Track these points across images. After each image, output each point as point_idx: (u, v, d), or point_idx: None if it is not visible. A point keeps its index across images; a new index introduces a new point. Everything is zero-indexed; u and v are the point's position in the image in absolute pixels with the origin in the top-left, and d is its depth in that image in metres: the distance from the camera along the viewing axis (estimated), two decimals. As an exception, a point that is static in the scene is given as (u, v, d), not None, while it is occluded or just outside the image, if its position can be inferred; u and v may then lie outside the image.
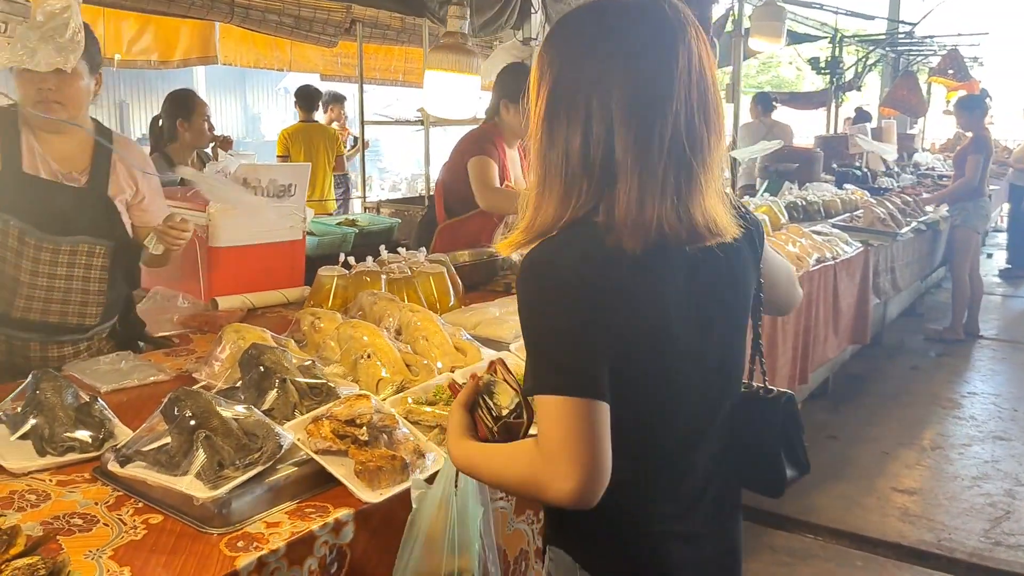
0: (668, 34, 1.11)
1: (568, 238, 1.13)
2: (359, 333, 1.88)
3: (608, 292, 1.10)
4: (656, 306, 1.15)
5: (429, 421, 1.70)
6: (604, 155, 1.11)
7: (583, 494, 1.05)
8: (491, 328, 2.38)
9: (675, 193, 1.11)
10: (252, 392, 1.66)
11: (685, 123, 1.10)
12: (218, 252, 2.56)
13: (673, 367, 1.18)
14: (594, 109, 1.11)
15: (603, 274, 1.10)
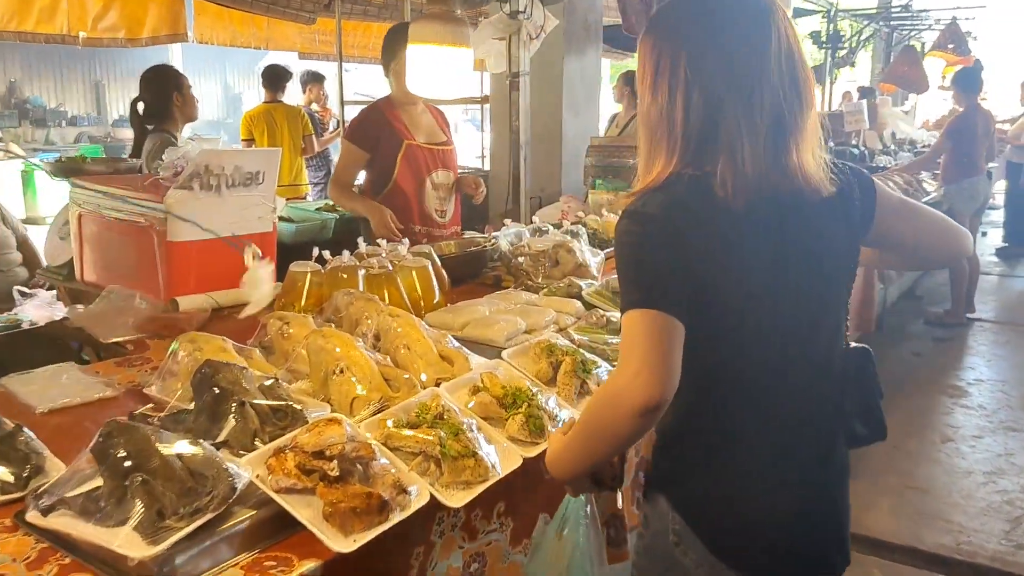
0: (762, 15, 1.28)
1: (664, 189, 1.28)
2: (330, 344, 1.65)
3: (694, 233, 1.24)
4: (740, 251, 1.27)
5: (411, 447, 1.47)
6: (708, 119, 1.26)
7: (650, 395, 1.15)
8: (481, 329, 2.15)
9: (773, 153, 1.26)
10: (205, 418, 1.43)
11: (781, 92, 1.26)
12: (177, 247, 2.31)
13: (749, 307, 1.29)
14: (701, 79, 1.26)
15: (692, 219, 1.24)
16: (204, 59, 17.75)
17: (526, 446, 1.62)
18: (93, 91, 17.55)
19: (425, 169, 3.41)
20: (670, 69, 1.28)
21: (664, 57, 1.30)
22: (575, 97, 5.18)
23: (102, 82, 17.63)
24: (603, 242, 3.34)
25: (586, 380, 1.87)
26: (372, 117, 3.41)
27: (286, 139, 6.31)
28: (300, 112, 6.58)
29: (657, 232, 1.24)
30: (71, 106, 17.04)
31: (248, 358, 1.79)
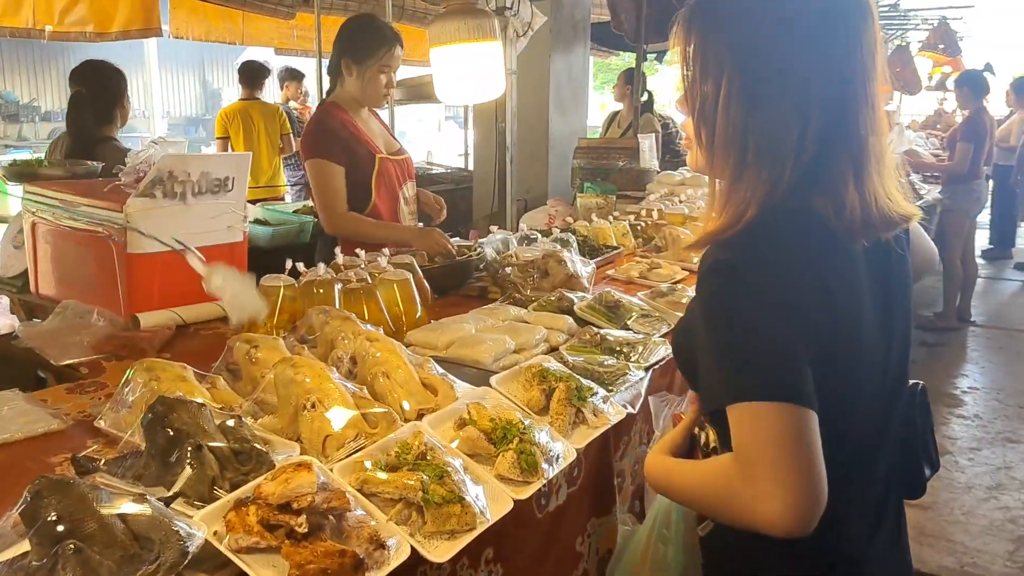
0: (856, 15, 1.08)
1: (768, 230, 1.06)
2: (300, 375, 1.48)
3: (811, 285, 1.04)
4: (852, 300, 1.09)
5: (390, 493, 1.32)
6: (801, 139, 1.06)
7: (797, 519, 0.92)
8: (467, 349, 2.00)
9: (869, 179, 1.08)
10: (157, 465, 1.27)
11: (871, 107, 1.07)
12: (139, 260, 2.14)
13: (860, 366, 1.11)
14: (791, 90, 1.05)
15: (806, 267, 1.05)
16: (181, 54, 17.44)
17: (517, 486, 1.47)
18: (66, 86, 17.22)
19: (397, 183, 3.09)
20: (782, 69, 1.06)
21: (774, 54, 1.07)
22: (562, 96, 5.03)
23: (76, 77, 17.31)
24: (593, 249, 3.20)
25: (581, 408, 1.72)
26: (333, 126, 2.89)
27: (262, 138, 6.13)
28: (277, 110, 6.40)
29: (775, 294, 1.02)
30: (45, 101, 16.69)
31: (212, 386, 1.63)
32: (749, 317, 1.02)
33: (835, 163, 1.07)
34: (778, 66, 1.07)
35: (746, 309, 1.02)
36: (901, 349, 1.20)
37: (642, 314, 2.38)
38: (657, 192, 4.17)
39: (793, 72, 1.06)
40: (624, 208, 4.00)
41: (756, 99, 1.07)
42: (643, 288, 2.74)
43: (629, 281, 2.89)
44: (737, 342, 1.02)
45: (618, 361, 2.01)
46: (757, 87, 1.07)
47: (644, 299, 2.51)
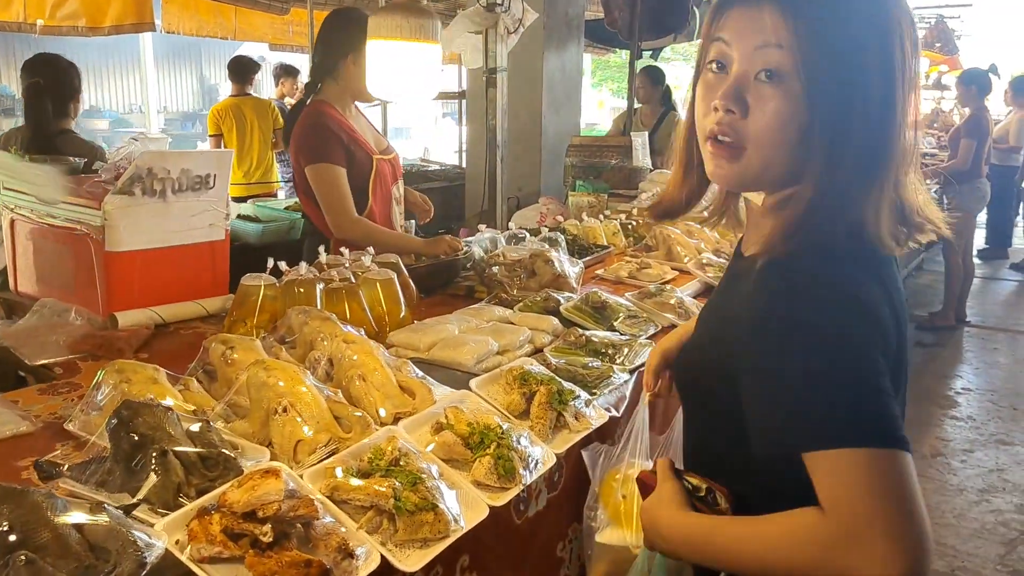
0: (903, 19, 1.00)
1: (829, 243, 0.97)
2: (273, 378, 1.45)
3: (888, 305, 0.97)
4: (905, 318, 1.03)
5: (361, 500, 1.29)
6: (876, 141, 0.97)
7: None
8: (448, 351, 1.97)
9: (913, 185, 1.02)
10: (122, 471, 1.24)
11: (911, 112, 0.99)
12: (117, 258, 2.11)
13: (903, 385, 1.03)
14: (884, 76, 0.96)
15: (884, 286, 0.98)
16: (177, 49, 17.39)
17: (494, 492, 1.44)
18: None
19: (391, 183, 3.03)
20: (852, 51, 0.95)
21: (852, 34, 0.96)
22: (555, 94, 5.00)
23: (73, 72, 17.23)
24: (583, 249, 3.17)
25: (562, 412, 1.69)
26: (332, 127, 2.79)
27: (255, 134, 6.10)
28: (270, 105, 6.36)
29: (868, 319, 0.92)
30: (41, 96, 16.63)
31: (185, 388, 1.60)
32: (845, 348, 0.90)
33: (900, 160, 0.99)
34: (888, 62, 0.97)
35: (841, 338, 0.90)
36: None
37: (629, 315, 2.35)
38: (649, 191, 4.14)
39: (894, 72, 0.97)
40: (616, 207, 3.97)
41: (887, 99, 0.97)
42: (632, 288, 2.71)
43: (618, 281, 2.86)
44: (831, 378, 0.89)
45: (603, 363, 1.98)
46: (884, 85, 0.97)
47: (632, 300, 2.48)
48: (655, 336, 2.26)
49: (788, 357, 0.92)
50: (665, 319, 2.36)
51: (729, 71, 1.02)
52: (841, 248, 0.97)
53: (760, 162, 1.01)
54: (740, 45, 1.01)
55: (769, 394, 0.94)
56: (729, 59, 1.02)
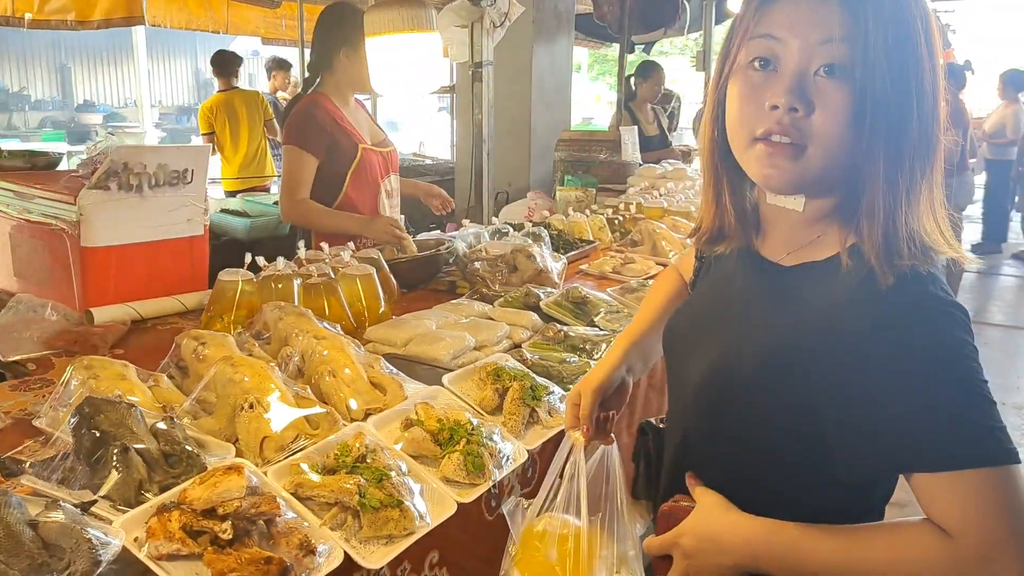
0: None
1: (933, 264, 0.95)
2: (239, 374, 1.45)
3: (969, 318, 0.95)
4: None
5: (325, 497, 1.28)
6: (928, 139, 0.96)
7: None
8: (424, 346, 1.96)
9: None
10: (84, 468, 1.23)
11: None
12: (93, 253, 2.10)
13: None
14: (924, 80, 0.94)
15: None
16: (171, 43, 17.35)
17: (463, 488, 1.44)
18: (58, 74, 17.11)
19: (380, 175, 3.06)
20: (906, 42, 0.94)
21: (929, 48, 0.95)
22: (545, 88, 4.99)
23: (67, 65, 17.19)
24: (568, 244, 3.16)
25: (536, 408, 1.69)
26: (319, 116, 2.85)
27: (245, 126, 6.07)
28: (259, 97, 6.32)
29: (965, 332, 0.91)
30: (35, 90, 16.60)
31: (155, 384, 1.59)
32: (959, 366, 0.88)
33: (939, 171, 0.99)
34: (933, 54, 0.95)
35: (955, 357, 0.89)
36: None
37: (610, 310, 2.34)
38: (637, 185, 4.13)
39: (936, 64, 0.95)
40: (604, 201, 3.97)
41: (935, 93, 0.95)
42: (615, 283, 2.70)
43: (602, 276, 2.86)
44: (950, 399, 0.87)
45: (579, 359, 1.98)
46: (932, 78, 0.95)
47: (613, 295, 2.48)
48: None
49: (902, 379, 0.89)
50: (646, 314, 2.35)
51: (780, 68, 0.97)
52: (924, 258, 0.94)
53: (822, 161, 0.97)
54: (798, 40, 0.96)
55: (877, 417, 0.90)
56: (779, 55, 0.98)
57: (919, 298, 0.92)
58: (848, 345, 0.92)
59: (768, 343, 1.02)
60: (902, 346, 0.89)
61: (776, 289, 1.07)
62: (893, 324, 0.91)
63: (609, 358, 1.36)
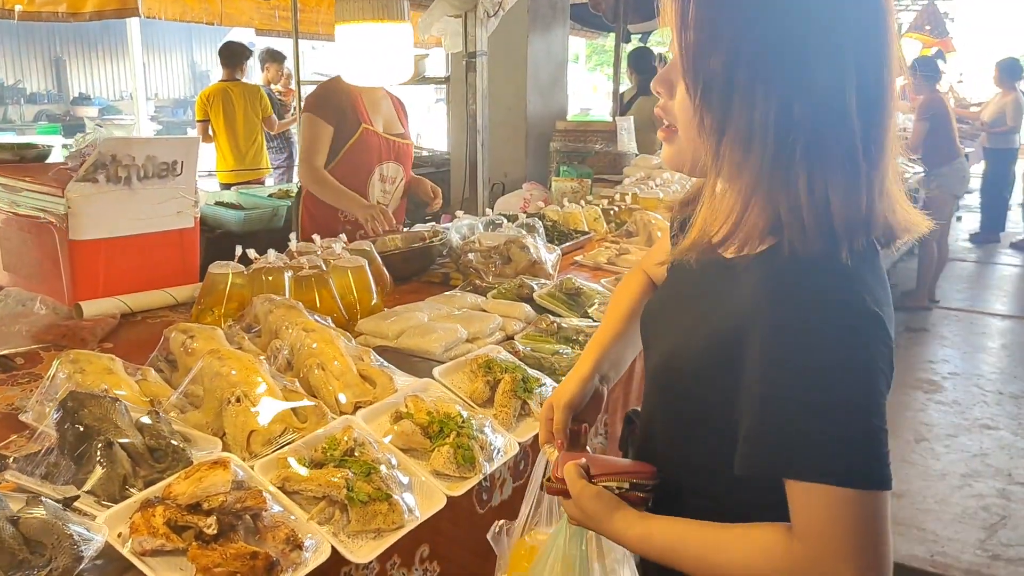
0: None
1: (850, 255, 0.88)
2: (226, 368, 1.43)
3: (887, 329, 0.87)
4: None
5: (313, 490, 1.27)
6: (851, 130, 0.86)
7: None
8: (416, 338, 1.95)
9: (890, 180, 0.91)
10: (68, 463, 1.21)
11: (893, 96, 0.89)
12: (82, 246, 2.08)
13: None
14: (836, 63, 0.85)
15: (880, 301, 0.88)
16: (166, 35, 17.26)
17: (453, 481, 1.43)
18: (53, 67, 17.01)
19: (376, 158, 3.20)
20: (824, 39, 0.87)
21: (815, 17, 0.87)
22: (540, 78, 4.96)
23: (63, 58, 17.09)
24: (562, 235, 3.14)
25: (527, 400, 1.68)
26: (336, 90, 3.09)
27: (241, 119, 6.04)
28: (258, 91, 6.30)
29: (871, 342, 0.85)
30: (30, 83, 16.51)
31: (143, 378, 1.57)
32: (851, 381, 0.84)
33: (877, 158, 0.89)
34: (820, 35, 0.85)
35: (848, 371, 0.84)
36: None
37: (604, 302, 2.32)
38: (633, 176, 4.11)
39: (834, 42, 0.85)
40: (600, 192, 3.95)
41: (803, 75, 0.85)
42: (609, 274, 2.69)
43: (596, 267, 2.84)
44: (831, 412, 0.84)
45: (572, 351, 1.96)
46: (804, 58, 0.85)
47: (607, 286, 2.46)
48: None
49: (790, 380, 0.86)
50: (640, 305, 2.34)
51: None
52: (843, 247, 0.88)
53: (688, 143, 0.96)
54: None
55: (763, 414, 0.88)
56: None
57: (821, 303, 0.86)
58: (757, 340, 0.89)
59: (708, 333, 0.99)
60: (795, 352, 0.86)
61: (721, 278, 1.02)
62: (791, 328, 0.86)
63: (580, 370, 1.31)
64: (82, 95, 16.73)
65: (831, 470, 0.83)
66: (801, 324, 0.86)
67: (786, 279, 0.89)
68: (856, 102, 0.86)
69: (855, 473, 0.83)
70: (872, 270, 0.91)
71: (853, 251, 0.87)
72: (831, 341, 0.84)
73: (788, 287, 0.89)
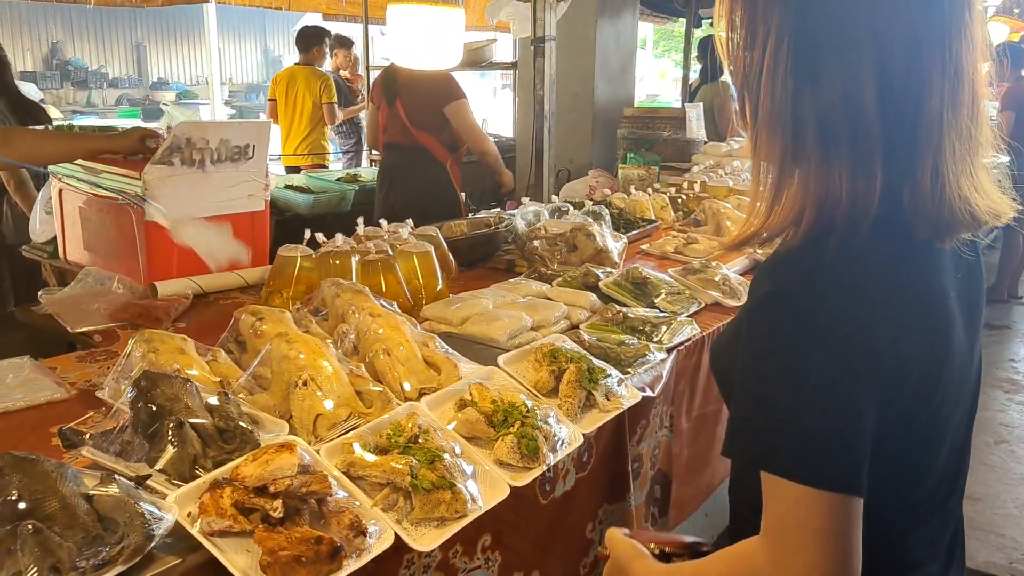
0: None
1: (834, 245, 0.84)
2: (294, 351, 1.44)
3: (893, 323, 0.83)
4: (934, 326, 0.89)
5: (377, 476, 1.27)
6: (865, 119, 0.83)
7: None
8: (481, 325, 1.94)
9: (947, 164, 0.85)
10: (141, 441, 1.24)
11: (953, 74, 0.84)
12: (158, 228, 2.13)
13: (949, 399, 0.92)
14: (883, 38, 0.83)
15: (889, 298, 0.85)
16: (240, 20, 17.62)
17: (516, 471, 1.41)
18: (134, 53, 17.55)
19: None
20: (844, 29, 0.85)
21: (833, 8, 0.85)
22: (609, 63, 4.89)
23: (143, 44, 17.61)
24: (629, 223, 3.10)
25: (593, 391, 1.65)
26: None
27: (300, 103, 6.06)
28: (322, 77, 6.28)
29: (848, 343, 0.82)
30: (112, 68, 17.06)
31: (213, 359, 1.60)
32: (811, 376, 0.82)
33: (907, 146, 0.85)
34: (839, 24, 0.85)
35: (810, 364, 0.82)
36: (979, 364, 1.03)
37: (671, 292, 2.28)
38: (702, 163, 4.03)
39: (858, 31, 0.84)
40: (667, 180, 3.88)
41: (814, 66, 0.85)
42: (677, 264, 2.63)
43: (663, 256, 2.79)
44: (797, 401, 0.82)
45: (639, 341, 1.93)
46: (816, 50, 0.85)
47: (675, 276, 2.41)
48: (696, 314, 2.19)
49: (762, 368, 0.86)
50: (709, 296, 2.29)
51: None
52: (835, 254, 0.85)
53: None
54: None
55: (740, 395, 0.90)
56: None
57: (772, 293, 0.86)
58: (746, 320, 0.91)
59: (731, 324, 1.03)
60: (753, 337, 0.87)
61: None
62: (753, 312, 0.88)
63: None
64: (161, 80, 17.23)
65: (796, 468, 0.82)
66: (770, 308, 0.86)
67: (767, 266, 0.91)
68: (877, 92, 0.83)
69: (822, 475, 0.81)
70: (884, 266, 0.87)
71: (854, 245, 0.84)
72: (795, 331, 0.83)
73: (769, 270, 0.90)
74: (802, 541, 0.81)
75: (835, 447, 0.82)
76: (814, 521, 0.81)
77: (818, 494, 0.81)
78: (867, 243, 0.85)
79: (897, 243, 0.88)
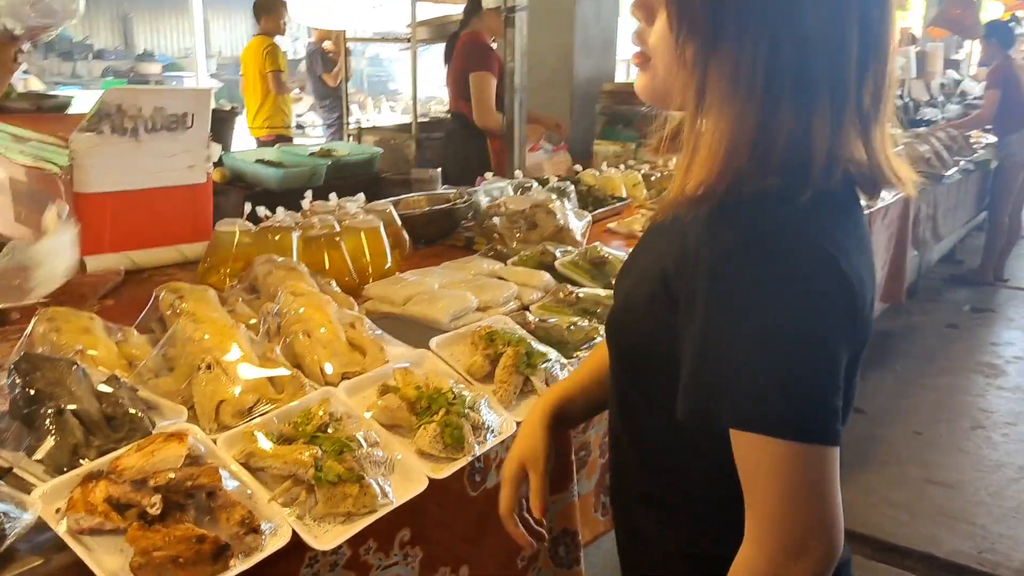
0: None
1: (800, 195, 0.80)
2: (199, 332, 1.34)
3: (851, 273, 0.80)
4: (872, 272, 0.89)
5: (278, 468, 1.17)
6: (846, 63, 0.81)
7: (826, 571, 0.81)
8: (423, 306, 1.84)
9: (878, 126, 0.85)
10: (19, 429, 1.14)
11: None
12: (87, 199, 2.02)
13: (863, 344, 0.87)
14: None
15: (850, 246, 0.82)
16: (228, -8, 17.36)
17: (439, 462, 1.32)
18: (120, 24, 17.29)
19: None
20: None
21: None
22: (589, 36, 4.75)
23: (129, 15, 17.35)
24: (598, 200, 2.99)
25: (531, 376, 1.55)
26: (491, 46, 3.84)
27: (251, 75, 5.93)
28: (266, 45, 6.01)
29: (820, 282, 0.78)
30: (98, 39, 16.81)
31: (123, 340, 1.50)
32: (802, 317, 0.78)
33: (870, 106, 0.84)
34: None
35: (802, 313, 0.78)
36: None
37: (630, 272, 2.18)
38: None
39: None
40: (644, 157, 3.76)
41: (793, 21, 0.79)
42: (642, 243, 2.53)
43: (630, 235, 2.69)
44: (777, 359, 0.77)
45: (589, 323, 1.83)
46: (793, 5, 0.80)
47: (636, 255, 2.31)
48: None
49: (737, 320, 0.79)
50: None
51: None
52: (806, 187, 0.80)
53: (663, 72, 0.88)
54: None
55: (706, 353, 0.82)
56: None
57: (776, 237, 0.80)
58: (706, 278, 0.82)
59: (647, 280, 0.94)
60: (746, 286, 0.79)
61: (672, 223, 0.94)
62: (740, 262, 0.80)
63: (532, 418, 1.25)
64: (147, 52, 16.97)
65: (773, 421, 0.78)
66: (743, 257, 0.80)
67: (728, 214, 0.82)
68: (857, 49, 0.81)
69: (799, 427, 0.78)
70: (843, 215, 0.85)
71: (821, 194, 0.80)
72: (773, 279, 0.78)
73: (730, 221, 0.82)
74: (795, 503, 0.79)
75: (820, 399, 0.78)
76: (803, 480, 0.79)
77: (810, 449, 0.78)
78: (835, 190, 0.82)
79: (850, 192, 0.87)
